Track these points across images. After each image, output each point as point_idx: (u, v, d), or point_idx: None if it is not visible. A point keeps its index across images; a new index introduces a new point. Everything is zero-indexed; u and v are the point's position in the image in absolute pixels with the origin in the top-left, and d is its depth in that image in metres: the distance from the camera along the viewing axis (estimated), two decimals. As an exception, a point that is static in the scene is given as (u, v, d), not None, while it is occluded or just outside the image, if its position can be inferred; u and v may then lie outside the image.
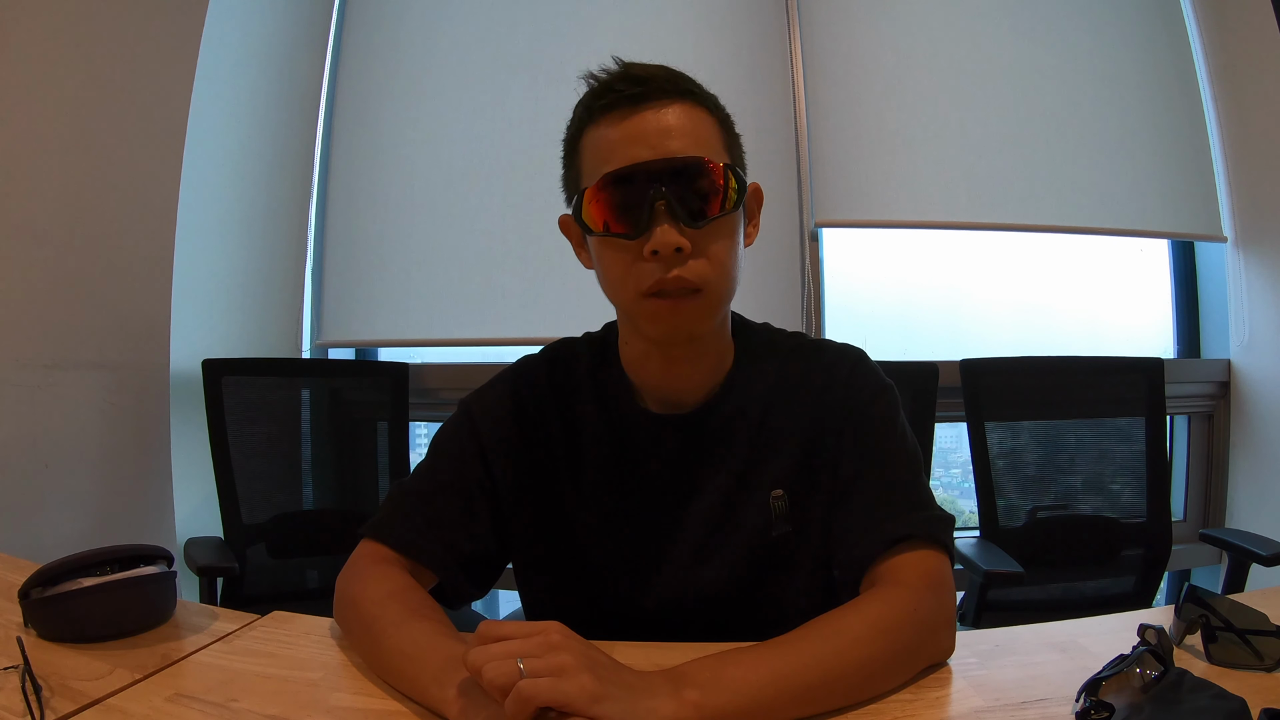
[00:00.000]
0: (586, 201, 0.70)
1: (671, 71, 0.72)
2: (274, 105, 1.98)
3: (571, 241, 0.80)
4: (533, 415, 0.81)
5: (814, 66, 1.98)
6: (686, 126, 0.69)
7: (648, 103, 0.69)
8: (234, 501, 1.55)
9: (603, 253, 0.72)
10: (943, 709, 0.58)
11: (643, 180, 0.67)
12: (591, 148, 0.71)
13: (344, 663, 0.68)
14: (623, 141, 0.68)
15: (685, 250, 0.67)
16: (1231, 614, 0.64)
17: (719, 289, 0.70)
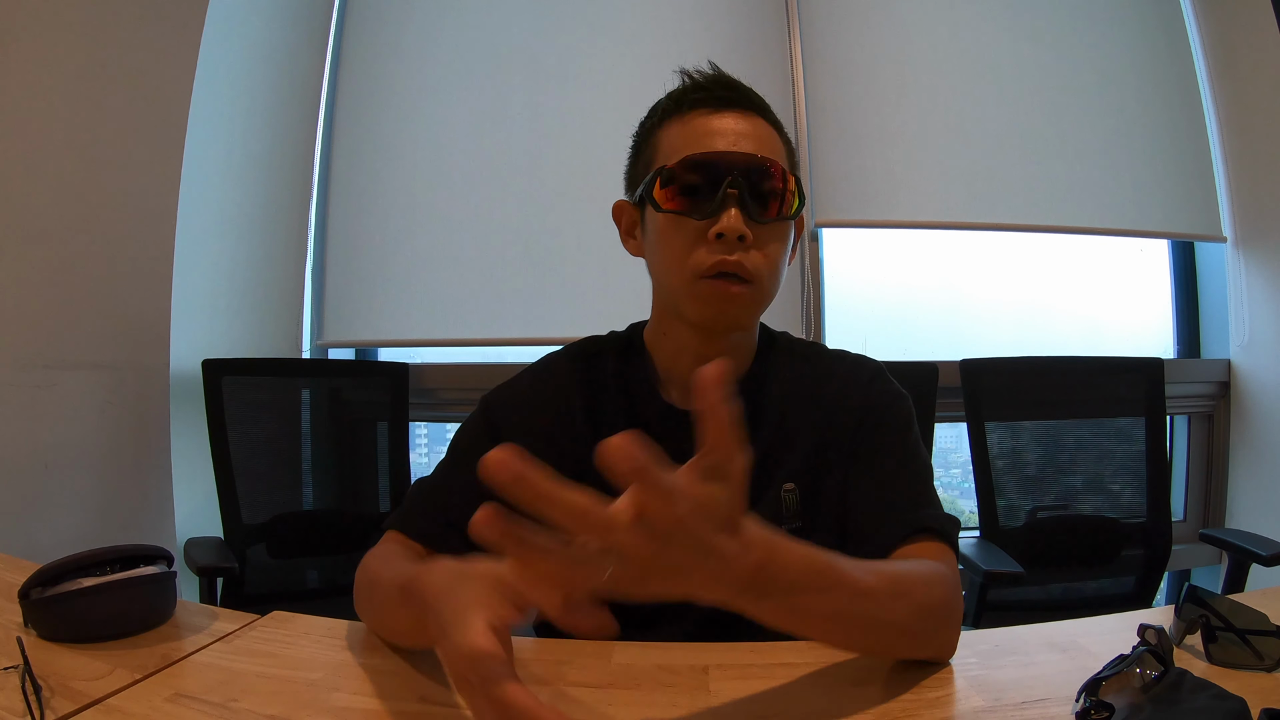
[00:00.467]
0: (662, 179, 0.74)
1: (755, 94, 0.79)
2: (274, 105, 1.98)
3: (621, 227, 0.84)
4: (556, 407, 0.82)
5: (814, 66, 1.98)
6: (763, 135, 0.76)
7: (734, 107, 0.76)
8: (234, 501, 1.55)
9: (665, 231, 0.75)
10: (943, 709, 0.59)
11: (721, 168, 0.72)
12: (673, 135, 0.76)
13: (344, 663, 0.68)
14: (706, 133, 0.74)
15: (748, 239, 0.72)
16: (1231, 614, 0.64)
17: (767, 286, 0.75)
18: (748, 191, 0.72)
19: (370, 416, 1.82)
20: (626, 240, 0.84)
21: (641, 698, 0.61)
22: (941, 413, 1.59)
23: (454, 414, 2.17)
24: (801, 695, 0.61)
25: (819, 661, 0.68)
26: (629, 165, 0.83)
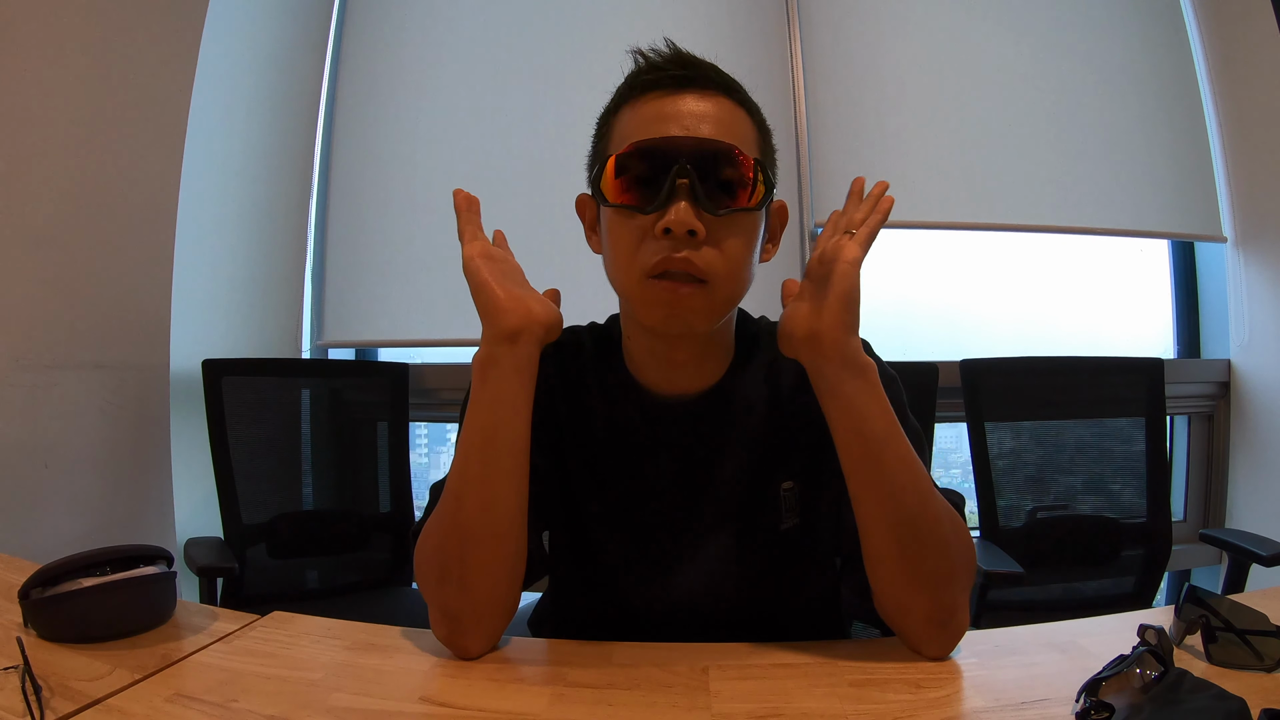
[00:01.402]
0: (607, 170, 0.68)
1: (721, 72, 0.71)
2: (274, 105, 1.98)
3: (584, 223, 0.78)
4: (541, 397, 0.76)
5: (814, 66, 1.98)
6: (724, 117, 0.68)
7: (692, 87, 0.68)
8: (234, 501, 1.55)
9: (613, 227, 0.69)
10: (943, 709, 0.59)
11: (669, 155, 0.65)
12: (626, 121, 0.70)
13: (344, 663, 0.68)
14: (657, 118, 0.67)
15: (699, 234, 0.65)
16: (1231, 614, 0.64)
17: (726, 287, 0.68)
18: (700, 182, 0.64)
19: (370, 416, 1.82)
20: (590, 236, 0.78)
21: (641, 698, 0.61)
22: (941, 413, 1.59)
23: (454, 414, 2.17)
24: (801, 695, 0.61)
25: (819, 661, 0.68)
26: (590, 156, 0.77)
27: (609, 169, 0.68)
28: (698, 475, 0.76)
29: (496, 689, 0.63)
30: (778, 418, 0.77)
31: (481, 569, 0.66)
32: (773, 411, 0.78)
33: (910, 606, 0.66)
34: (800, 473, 0.77)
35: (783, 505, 0.76)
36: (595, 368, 0.80)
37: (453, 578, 0.67)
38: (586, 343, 0.82)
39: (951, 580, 0.66)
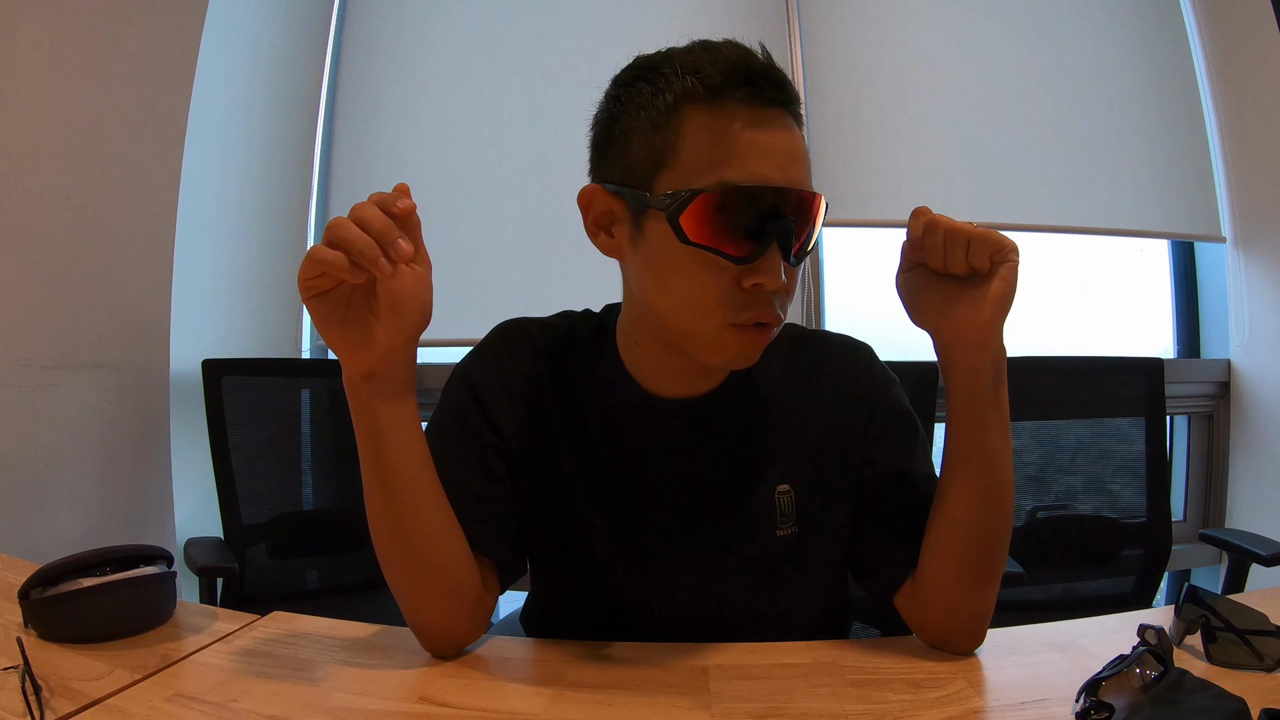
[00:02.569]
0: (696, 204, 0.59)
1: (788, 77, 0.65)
2: (274, 105, 1.98)
3: (587, 217, 0.69)
4: (528, 377, 0.76)
5: (814, 66, 1.98)
6: (803, 153, 0.64)
7: (779, 110, 0.62)
8: (234, 502, 1.55)
9: (688, 266, 0.62)
10: (943, 709, 0.59)
11: (772, 205, 0.60)
12: (702, 134, 0.61)
13: (344, 663, 0.68)
14: (754, 151, 0.60)
15: (783, 290, 0.63)
16: (1231, 614, 0.64)
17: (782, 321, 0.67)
18: (794, 233, 0.61)
19: (370, 417, 1.82)
20: (595, 233, 0.69)
21: (641, 698, 0.61)
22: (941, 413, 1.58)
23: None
24: (801, 695, 0.61)
25: (819, 661, 0.68)
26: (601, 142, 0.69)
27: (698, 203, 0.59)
28: (692, 476, 0.75)
29: (496, 689, 0.63)
30: (774, 422, 0.76)
31: (416, 589, 0.66)
32: (769, 415, 0.76)
33: (967, 604, 0.69)
34: (796, 477, 0.76)
35: (778, 510, 0.75)
36: (589, 360, 0.77)
37: (398, 597, 0.68)
38: (580, 332, 0.79)
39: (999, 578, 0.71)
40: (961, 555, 0.68)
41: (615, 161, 0.67)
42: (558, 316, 0.81)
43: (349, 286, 0.58)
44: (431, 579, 0.66)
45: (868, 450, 0.76)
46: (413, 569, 0.66)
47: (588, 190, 0.69)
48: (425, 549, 0.66)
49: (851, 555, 0.77)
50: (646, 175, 0.63)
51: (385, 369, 0.61)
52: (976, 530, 0.68)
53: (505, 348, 0.77)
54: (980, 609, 0.69)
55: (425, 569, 0.66)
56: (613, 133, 0.67)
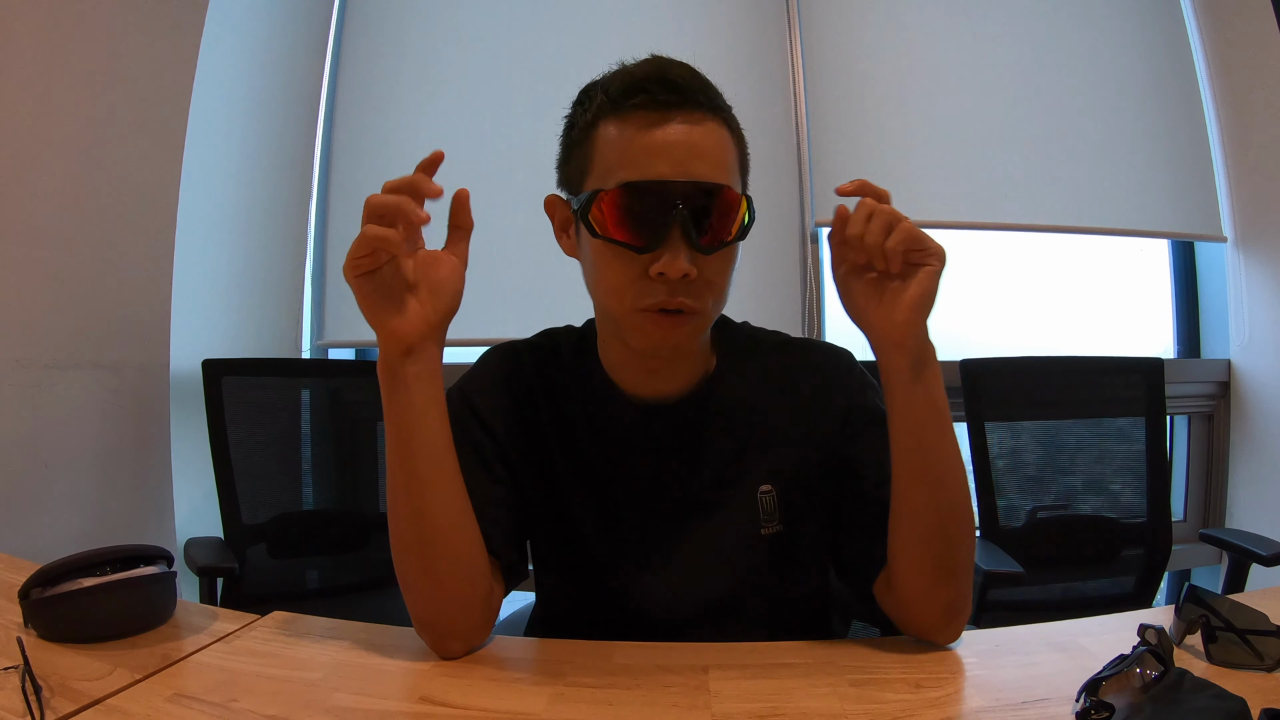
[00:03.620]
0: (598, 202, 0.67)
1: (704, 81, 0.69)
2: (274, 105, 1.98)
3: (554, 223, 0.78)
4: (521, 394, 0.80)
5: (814, 66, 1.98)
6: (713, 148, 0.68)
7: (679, 111, 0.67)
8: (234, 501, 1.55)
9: (603, 258, 0.69)
10: (943, 709, 0.59)
11: (664, 198, 0.65)
12: (610, 143, 0.69)
13: (344, 663, 0.68)
14: (647, 150, 0.66)
15: (692, 277, 0.66)
16: (1232, 614, 0.64)
17: (713, 313, 0.72)
18: (693, 224, 0.65)
19: (370, 416, 1.82)
20: (560, 238, 0.78)
21: (641, 697, 0.61)
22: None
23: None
24: (801, 695, 0.61)
25: (819, 661, 0.68)
26: (560, 158, 0.76)
27: (598, 201, 0.67)
28: (676, 476, 0.78)
29: (496, 689, 0.63)
30: (753, 424, 0.78)
31: (432, 577, 0.67)
32: (751, 415, 0.79)
33: (935, 595, 0.69)
34: (778, 476, 0.78)
35: (761, 509, 0.77)
36: (574, 371, 0.81)
37: (411, 587, 0.68)
38: (564, 346, 0.83)
39: (970, 570, 0.70)
40: (919, 549, 0.68)
41: (563, 172, 0.76)
42: (540, 336, 0.86)
43: (393, 267, 0.65)
44: (449, 563, 0.67)
45: (844, 450, 0.77)
46: (430, 551, 0.66)
47: (549, 198, 0.78)
48: (445, 530, 0.67)
49: (832, 552, 0.80)
50: (578, 183, 0.72)
51: (421, 346, 0.67)
52: (928, 524, 0.68)
53: (497, 367, 0.82)
54: (951, 600, 0.69)
55: (443, 551, 0.67)
56: (563, 147, 0.76)
